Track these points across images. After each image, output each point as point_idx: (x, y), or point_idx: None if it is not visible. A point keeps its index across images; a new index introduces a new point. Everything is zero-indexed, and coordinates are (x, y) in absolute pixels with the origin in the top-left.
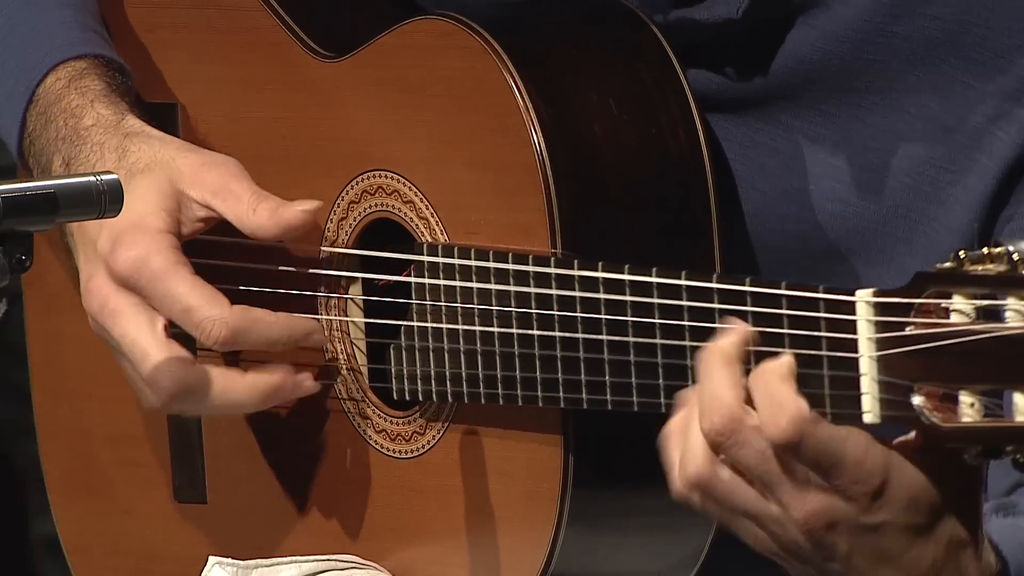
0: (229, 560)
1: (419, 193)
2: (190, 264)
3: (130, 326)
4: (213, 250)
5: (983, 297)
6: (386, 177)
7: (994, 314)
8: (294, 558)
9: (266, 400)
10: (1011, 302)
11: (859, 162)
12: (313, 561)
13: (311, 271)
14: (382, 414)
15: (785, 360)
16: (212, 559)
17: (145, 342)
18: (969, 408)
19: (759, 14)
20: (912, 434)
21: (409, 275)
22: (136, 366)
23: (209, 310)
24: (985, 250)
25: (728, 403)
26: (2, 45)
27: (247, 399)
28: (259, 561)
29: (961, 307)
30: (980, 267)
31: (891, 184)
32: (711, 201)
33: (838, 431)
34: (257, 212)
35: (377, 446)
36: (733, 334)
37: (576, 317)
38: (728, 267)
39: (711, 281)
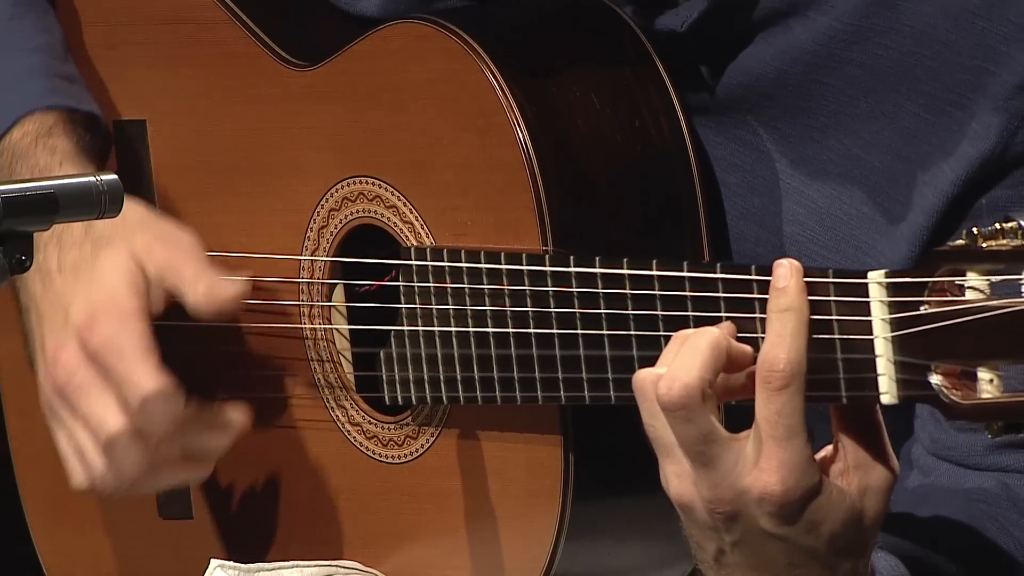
0: (231, 563)
1: (402, 197)
2: (158, 354)
3: (97, 406)
4: None
5: (997, 272)
6: (367, 183)
7: (1010, 289)
8: (295, 563)
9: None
10: None
11: (817, 186)
12: (315, 566)
13: (292, 280)
14: (372, 420)
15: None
16: (214, 562)
17: (112, 425)
18: (988, 384)
19: (706, 32)
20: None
21: (394, 279)
22: (102, 449)
23: (161, 403)
24: (998, 225)
25: (694, 378)
26: None
27: (205, 474)
28: (261, 565)
29: (976, 283)
30: (993, 242)
31: (849, 213)
32: (697, 189)
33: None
34: (196, 290)
35: (368, 452)
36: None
37: (574, 313)
38: None
39: (715, 271)
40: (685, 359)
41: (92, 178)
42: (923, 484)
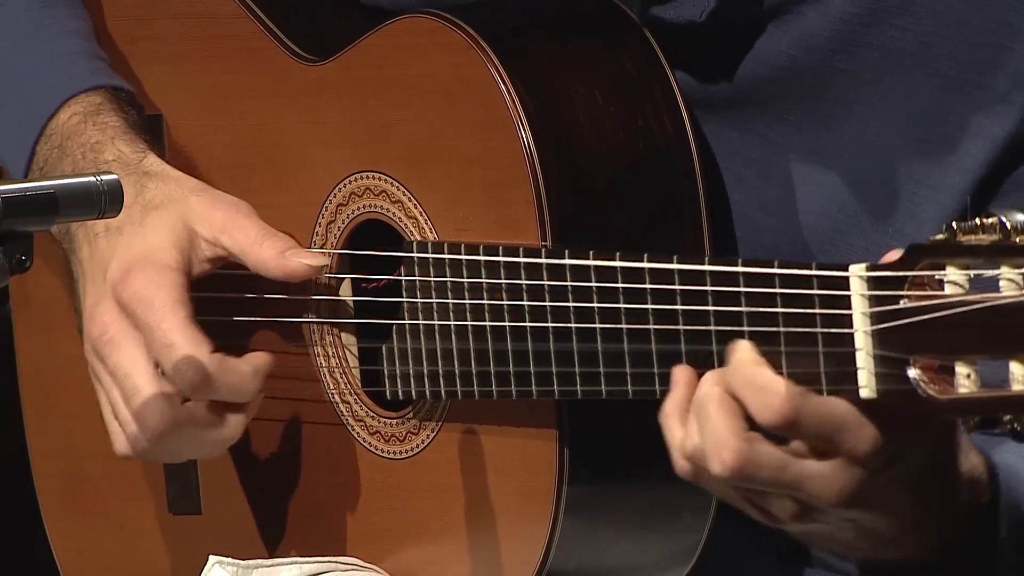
0: (229, 560)
1: (407, 192)
2: (190, 307)
3: (125, 359)
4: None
5: (977, 267)
6: (374, 178)
7: (988, 284)
8: (295, 559)
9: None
10: (1005, 271)
11: (834, 174)
12: (314, 562)
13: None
14: (375, 415)
15: (746, 344)
16: (213, 558)
17: (138, 377)
18: (965, 379)
19: (723, 20)
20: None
21: (399, 275)
22: (127, 400)
23: (188, 351)
24: (977, 220)
25: (732, 441)
26: (7, 74)
27: (234, 433)
28: (259, 561)
29: (955, 278)
30: (973, 237)
31: (871, 198)
32: (699, 188)
33: (828, 399)
34: (263, 248)
35: (371, 448)
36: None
37: (568, 307)
38: None
39: (703, 264)
40: (711, 433)
41: (92, 178)
42: None
